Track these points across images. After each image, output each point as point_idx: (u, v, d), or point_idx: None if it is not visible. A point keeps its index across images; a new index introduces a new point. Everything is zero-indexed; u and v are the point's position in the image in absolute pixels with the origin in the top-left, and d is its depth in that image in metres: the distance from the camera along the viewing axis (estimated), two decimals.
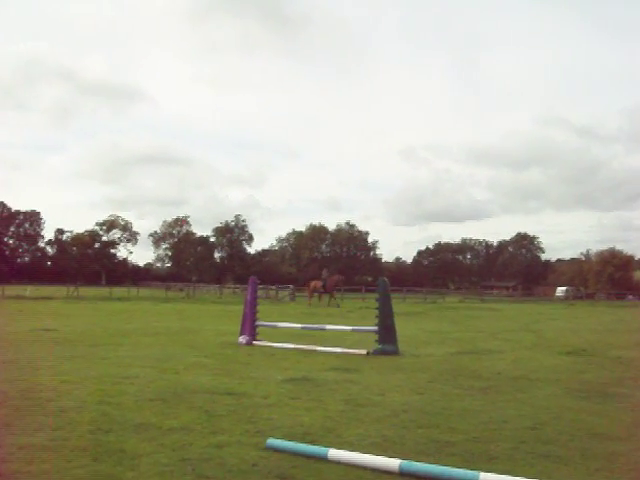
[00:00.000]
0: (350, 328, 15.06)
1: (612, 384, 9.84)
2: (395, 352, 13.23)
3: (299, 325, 15.95)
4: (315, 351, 13.59)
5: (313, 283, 41.92)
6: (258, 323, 15.16)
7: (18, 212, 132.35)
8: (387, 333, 13.40)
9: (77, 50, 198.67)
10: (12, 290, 49.43)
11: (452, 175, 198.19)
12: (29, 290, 51.16)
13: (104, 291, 59.31)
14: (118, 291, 57.72)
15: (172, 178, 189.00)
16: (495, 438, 6.25)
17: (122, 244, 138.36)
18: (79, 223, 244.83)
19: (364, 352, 13.18)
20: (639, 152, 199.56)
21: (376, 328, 13.53)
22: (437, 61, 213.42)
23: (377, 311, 13.61)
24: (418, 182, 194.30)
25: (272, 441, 5.70)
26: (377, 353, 13.11)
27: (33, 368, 10.15)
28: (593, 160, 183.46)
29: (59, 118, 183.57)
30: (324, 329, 15.59)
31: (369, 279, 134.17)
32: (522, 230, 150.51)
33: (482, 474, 4.74)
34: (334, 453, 5.35)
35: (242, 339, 14.81)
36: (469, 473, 4.81)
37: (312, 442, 5.88)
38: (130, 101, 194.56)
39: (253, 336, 14.88)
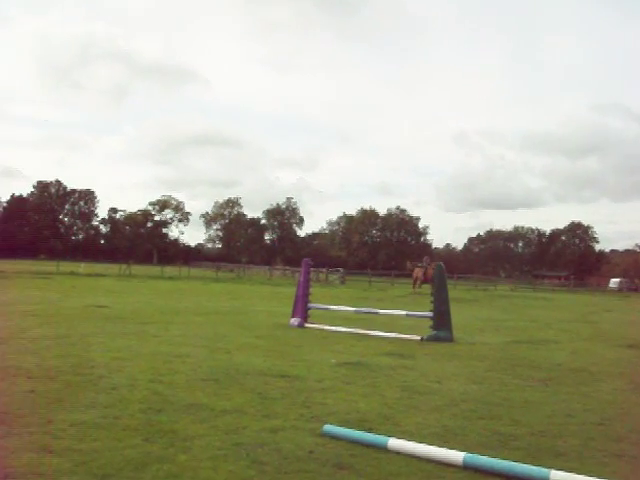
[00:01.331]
0: (404, 313, 14.76)
1: None
2: (449, 339, 12.92)
3: (352, 309, 15.72)
4: (368, 335, 13.35)
5: (416, 271, 40.21)
6: (310, 305, 14.95)
7: (73, 191, 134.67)
8: (442, 319, 13.09)
9: (131, 32, 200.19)
10: (66, 267, 50.17)
11: (506, 162, 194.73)
12: (83, 267, 52.00)
13: (156, 270, 59.96)
14: (169, 270, 58.24)
15: (224, 159, 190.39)
16: (561, 433, 5.93)
17: (174, 224, 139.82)
18: (132, 203, 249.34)
19: (418, 338, 12.90)
20: None
21: (431, 314, 13.23)
22: (493, 45, 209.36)
23: (432, 296, 13.31)
24: (471, 168, 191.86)
25: (329, 427, 5.46)
26: (431, 339, 12.81)
27: (85, 344, 10.11)
28: None
29: (114, 99, 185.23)
30: (377, 313, 15.32)
31: (420, 265, 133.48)
32: (575, 219, 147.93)
33: (553, 472, 4.44)
34: (394, 443, 5.09)
35: (294, 321, 14.63)
36: (539, 470, 4.50)
37: (369, 430, 5.65)
38: (183, 82, 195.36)
39: (305, 318, 14.69)
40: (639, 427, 6.31)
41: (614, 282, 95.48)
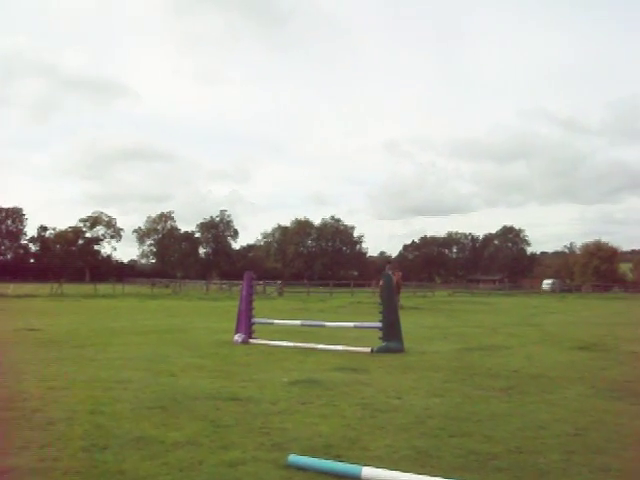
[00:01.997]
0: (352, 324, 14.33)
1: (639, 382, 9.22)
2: (400, 349, 12.55)
3: (298, 322, 15.22)
4: (316, 349, 12.87)
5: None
6: (254, 320, 14.39)
7: (0, 209, 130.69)
8: (392, 329, 12.71)
9: (57, 44, 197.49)
10: None
11: (436, 169, 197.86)
12: (12, 288, 50.18)
13: (88, 288, 58.32)
14: (103, 288, 56.74)
15: (155, 173, 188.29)
16: (538, 448, 5.57)
17: (106, 240, 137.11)
18: (62, 220, 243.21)
19: (368, 350, 12.49)
20: (622, 145, 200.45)
21: (380, 324, 12.84)
22: (420, 55, 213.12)
23: (380, 306, 12.95)
24: (402, 176, 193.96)
25: (294, 458, 4.97)
26: (382, 351, 12.41)
27: (17, 373, 9.37)
28: (576, 153, 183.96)
29: (40, 114, 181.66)
30: (324, 326, 14.86)
31: (355, 273, 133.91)
32: (506, 223, 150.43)
33: None
34: (368, 472, 4.62)
35: (238, 337, 14.06)
36: None
37: (337, 457, 5.20)
38: (112, 96, 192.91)
39: (249, 334, 14.13)
40: (615, 436, 5.99)
41: (547, 283, 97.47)
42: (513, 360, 11.48)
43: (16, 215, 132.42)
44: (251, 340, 13.96)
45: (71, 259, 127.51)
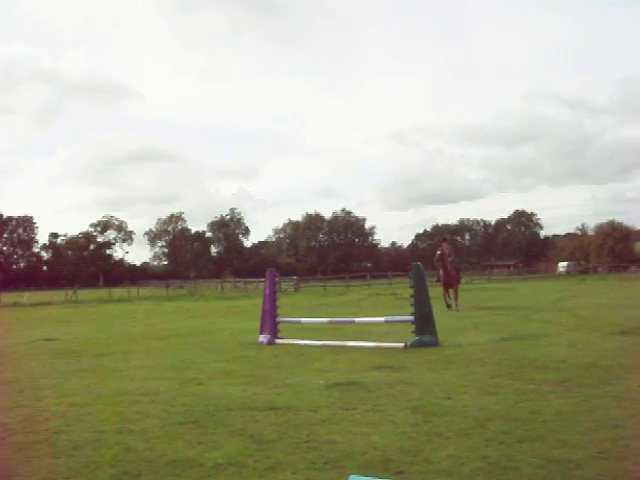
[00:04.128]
0: (383, 319, 13.69)
1: None
2: (435, 343, 11.95)
3: (325, 319, 14.59)
4: (346, 347, 12.28)
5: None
6: (279, 319, 13.79)
7: (10, 218, 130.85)
8: (425, 322, 12.10)
9: (57, 49, 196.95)
10: (9, 297, 48.15)
11: (444, 156, 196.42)
12: (26, 296, 49.87)
13: (103, 293, 57.98)
14: (117, 292, 56.40)
15: (163, 175, 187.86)
16: (624, 452, 4.95)
17: (118, 244, 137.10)
18: (73, 226, 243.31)
19: (401, 345, 11.89)
20: (631, 123, 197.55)
21: (412, 318, 12.23)
22: (423, 42, 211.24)
23: (412, 299, 12.33)
24: (410, 165, 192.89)
25: (356, 479, 4.36)
26: (415, 345, 11.81)
27: (36, 388, 8.81)
28: (585, 133, 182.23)
29: (44, 120, 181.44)
30: (354, 322, 14.22)
31: (368, 265, 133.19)
32: (517, 208, 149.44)
33: None
34: None
35: (263, 338, 13.47)
36: None
37: (399, 473, 4.61)
38: (115, 99, 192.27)
39: (275, 334, 13.54)
40: None
41: (563, 266, 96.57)
42: (556, 349, 10.84)
43: (27, 223, 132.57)
44: (277, 340, 13.38)
45: (84, 264, 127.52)
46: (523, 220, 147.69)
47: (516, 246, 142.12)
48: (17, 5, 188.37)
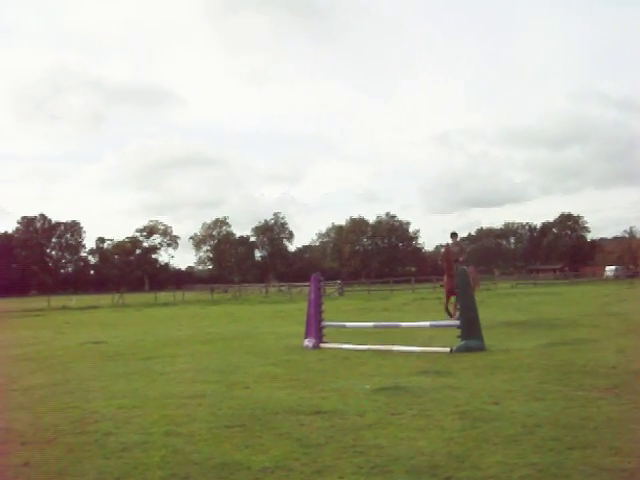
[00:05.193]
0: (428, 323, 13.61)
1: None
2: (481, 348, 11.83)
3: (370, 324, 14.55)
4: (392, 351, 12.23)
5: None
6: (325, 323, 13.80)
7: (59, 223, 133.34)
8: (471, 327, 11.99)
9: (102, 57, 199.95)
10: (58, 301, 48.98)
11: (489, 159, 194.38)
12: (74, 300, 50.68)
13: (149, 297, 58.68)
14: (163, 296, 56.95)
15: (207, 179, 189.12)
16: None
17: (163, 249, 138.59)
18: (119, 231, 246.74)
19: (447, 350, 11.80)
20: None
21: (458, 322, 12.14)
22: (467, 43, 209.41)
23: (458, 303, 12.23)
24: (454, 167, 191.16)
25: None
26: (461, 350, 11.71)
27: (85, 391, 8.95)
28: (632, 133, 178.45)
29: (91, 127, 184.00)
30: (399, 326, 14.16)
31: (412, 269, 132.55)
32: (563, 210, 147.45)
33: None
34: None
35: (308, 342, 13.50)
36: None
37: (447, 479, 4.59)
38: (160, 104, 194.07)
39: (320, 338, 13.55)
40: None
41: (610, 270, 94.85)
42: (606, 355, 10.65)
43: (74, 228, 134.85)
44: (322, 344, 13.39)
45: (130, 269, 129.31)
46: (569, 223, 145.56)
47: (562, 250, 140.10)
48: (63, 14, 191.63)
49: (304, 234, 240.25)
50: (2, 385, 9.78)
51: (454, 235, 19.08)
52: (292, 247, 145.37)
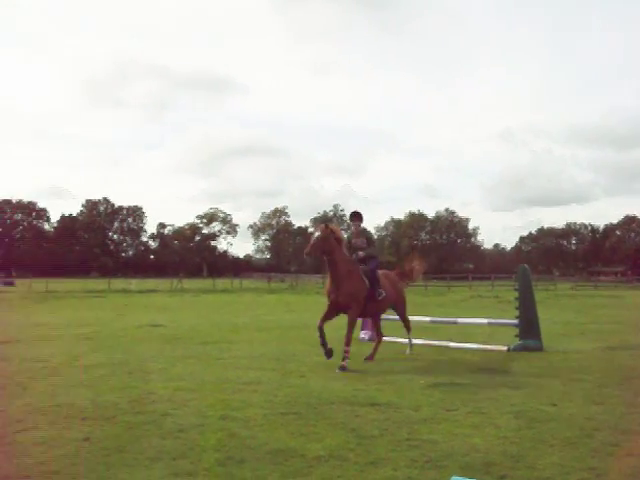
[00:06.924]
0: (486, 321, 13.49)
1: None
2: (539, 348, 11.68)
3: (427, 318, 14.45)
4: (448, 347, 12.17)
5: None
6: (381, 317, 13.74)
7: (121, 208, 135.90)
8: (530, 327, 11.84)
9: (167, 45, 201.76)
10: (118, 284, 49.96)
11: (552, 157, 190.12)
12: (134, 283, 51.59)
13: (207, 283, 59.40)
14: (221, 283, 57.58)
15: (268, 169, 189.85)
16: None
17: (222, 236, 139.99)
18: (180, 217, 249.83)
19: (504, 348, 11.69)
20: None
21: (516, 321, 11.99)
22: (533, 39, 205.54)
23: (517, 302, 12.07)
24: (517, 165, 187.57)
25: None
26: (519, 349, 11.59)
27: (144, 371, 9.14)
28: None
29: (155, 114, 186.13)
30: (456, 323, 14.04)
31: (470, 266, 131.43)
32: (628, 212, 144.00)
33: None
34: None
35: (364, 334, 13.53)
36: None
37: (501, 477, 4.55)
38: (224, 93, 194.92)
39: None
40: None
41: None
42: None
43: (136, 213, 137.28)
44: None
45: (189, 255, 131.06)
46: (634, 226, 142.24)
47: (625, 253, 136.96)
48: (130, 3, 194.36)
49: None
50: (65, 362, 10.02)
51: (356, 216, 11.58)
52: None
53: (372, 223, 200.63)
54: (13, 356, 10.77)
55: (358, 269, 10.53)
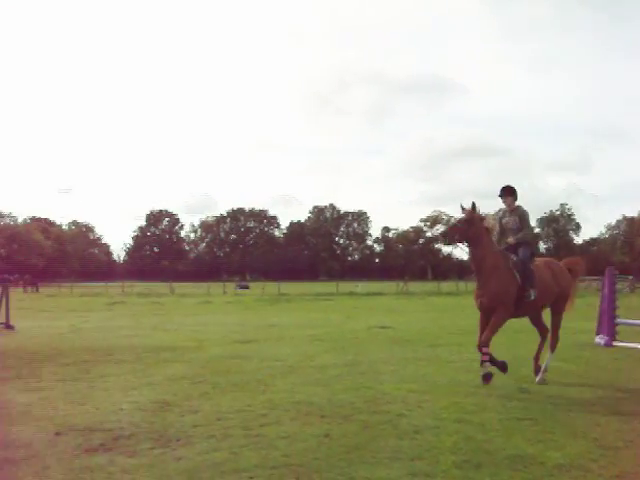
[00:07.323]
0: None
1: None
2: None
3: None
4: None
5: None
6: (619, 321, 13.04)
7: (347, 213, 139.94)
8: None
9: (383, 51, 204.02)
10: (345, 287, 51.28)
11: None
12: (360, 286, 52.76)
13: (432, 286, 59.45)
14: (446, 286, 57.33)
15: (490, 169, 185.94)
16: None
17: None
18: (402, 220, 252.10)
19: None
20: None
21: None
22: None
23: None
24: None
25: None
26: None
27: (376, 372, 9.33)
28: None
29: (375, 120, 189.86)
30: None
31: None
32: None
33: None
34: None
35: (599, 339, 12.89)
36: None
37: None
38: (441, 94, 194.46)
39: (612, 336, 12.85)
40: None
41: None
42: None
43: (361, 218, 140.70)
44: (615, 343, 12.68)
45: (413, 258, 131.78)
46: None
47: None
48: (344, 13, 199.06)
49: (593, 227, 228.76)
50: (300, 362, 10.45)
51: (508, 190, 9.65)
52: (579, 239, 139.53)
53: (602, 222, 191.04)
54: (253, 355, 11.38)
55: (507, 262, 8.65)
